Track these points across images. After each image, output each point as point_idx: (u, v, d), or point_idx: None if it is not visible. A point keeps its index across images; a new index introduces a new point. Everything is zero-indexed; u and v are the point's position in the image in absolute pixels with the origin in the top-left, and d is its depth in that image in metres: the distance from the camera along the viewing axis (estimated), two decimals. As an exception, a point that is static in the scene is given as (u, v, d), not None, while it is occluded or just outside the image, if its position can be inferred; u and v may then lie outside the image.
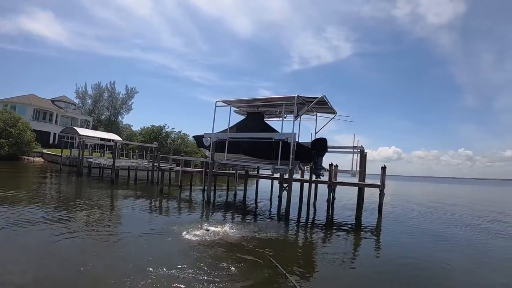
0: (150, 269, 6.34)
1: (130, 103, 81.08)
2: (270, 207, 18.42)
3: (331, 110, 16.89)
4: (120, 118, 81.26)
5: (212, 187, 21.02)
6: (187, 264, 6.81)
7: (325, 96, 14.96)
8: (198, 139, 18.03)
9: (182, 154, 31.89)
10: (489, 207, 26.95)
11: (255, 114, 17.65)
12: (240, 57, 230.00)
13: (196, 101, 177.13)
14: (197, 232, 9.87)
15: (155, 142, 36.71)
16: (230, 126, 16.88)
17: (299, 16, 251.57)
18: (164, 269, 6.40)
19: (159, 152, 29.27)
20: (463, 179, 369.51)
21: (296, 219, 14.76)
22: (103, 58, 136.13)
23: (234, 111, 18.51)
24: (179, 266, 6.62)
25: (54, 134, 57.96)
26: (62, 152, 38.57)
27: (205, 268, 6.65)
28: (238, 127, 17.25)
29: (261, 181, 24.95)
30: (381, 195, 16.43)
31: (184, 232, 9.65)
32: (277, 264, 7.08)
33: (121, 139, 45.81)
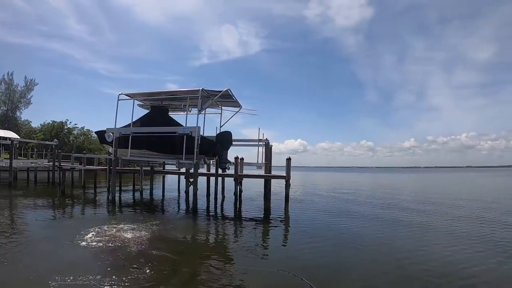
0: (53, 282, 5.51)
1: (29, 96, 73.32)
2: (178, 203, 17.83)
3: (236, 104, 16.88)
4: (18, 113, 73.32)
5: (117, 186, 19.81)
6: (94, 270, 6.13)
7: (229, 90, 14.88)
8: (100, 134, 16.64)
9: (84, 152, 29.73)
10: (387, 192, 29.65)
11: (159, 108, 16.95)
12: (148, 49, 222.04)
13: (101, 94, 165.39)
14: (103, 234, 9.15)
15: (56, 140, 33.76)
16: (133, 120, 15.88)
17: (211, 10, 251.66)
18: (69, 279, 5.64)
19: (59, 151, 26.97)
20: (365, 168, 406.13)
21: (205, 214, 14.43)
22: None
23: (138, 104, 17.59)
24: (85, 273, 5.91)
25: None
26: None
27: (115, 273, 6.11)
28: (142, 121, 16.36)
29: (168, 177, 24.22)
30: (287, 185, 16.85)
31: (89, 235, 8.97)
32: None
33: (18, 137, 41.23)
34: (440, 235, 10.69)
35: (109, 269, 6.36)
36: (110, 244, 8.16)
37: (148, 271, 6.30)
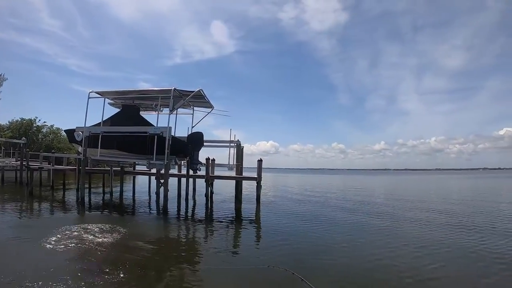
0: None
1: (-2, 92, 70.99)
2: (149, 205, 17.57)
3: (208, 104, 16.91)
4: (-15, 110, 70.70)
5: (87, 186, 19.39)
6: (63, 275, 5.92)
7: (202, 90, 14.90)
8: (70, 133, 16.31)
9: (53, 151, 28.99)
10: (357, 194, 30.14)
11: (130, 107, 16.72)
12: (122, 46, 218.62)
13: (72, 92, 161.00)
14: (72, 236, 8.93)
15: (24, 138, 32.69)
16: (104, 119, 15.62)
17: (187, 9, 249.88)
18: (37, 285, 5.42)
19: (28, 149, 26.26)
20: (336, 170, 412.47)
21: (175, 215, 14.26)
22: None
23: (109, 103, 17.33)
24: (53, 278, 5.71)
25: None
26: None
27: (84, 277, 5.95)
28: (112, 120, 16.11)
29: (139, 177, 23.83)
30: (258, 187, 17.03)
31: (57, 238, 8.74)
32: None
33: (-16, 135, 39.87)
34: (408, 236, 10.90)
35: (79, 274, 6.16)
36: (79, 247, 7.97)
37: (119, 275, 6.16)
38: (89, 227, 10.28)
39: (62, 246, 7.99)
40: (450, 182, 56.44)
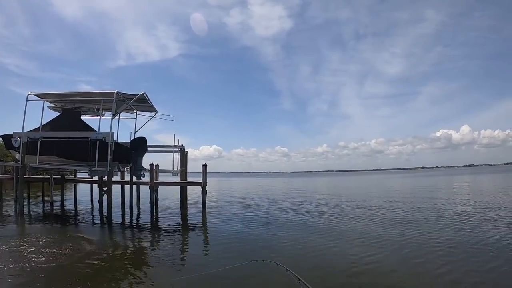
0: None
1: None
2: (92, 214, 16.81)
3: (151, 109, 16.91)
4: None
5: (26, 196, 18.41)
6: None
7: (145, 94, 14.89)
8: (7, 139, 15.55)
9: (-13, 159, 27.23)
10: (299, 195, 30.80)
11: (71, 111, 16.20)
12: (63, 45, 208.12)
13: (9, 93, 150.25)
14: (9, 251, 8.46)
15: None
16: (43, 123, 14.99)
17: (132, 10, 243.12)
18: None
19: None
20: (280, 172, 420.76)
21: (120, 224, 13.86)
22: None
23: (48, 106, 16.65)
24: None
25: None
26: None
27: None
28: (52, 125, 15.47)
29: (81, 185, 22.84)
30: (204, 192, 17.13)
31: None
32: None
33: None
34: (352, 233, 11.44)
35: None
36: (17, 262, 7.36)
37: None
38: (28, 240, 9.83)
39: None
40: (389, 182, 60.17)
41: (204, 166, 17.08)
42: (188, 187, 18.43)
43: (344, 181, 67.40)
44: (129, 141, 16.21)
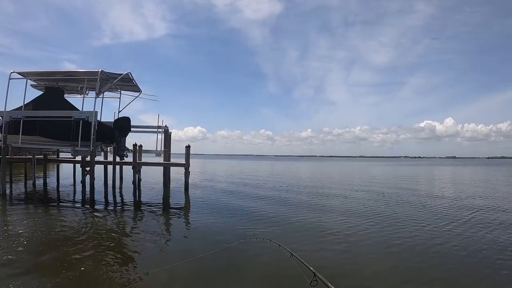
0: None
1: None
2: (74, 194, 16.96)
3: (136, 88, 16.89)
4: None
5: (8, 177, 18.09)
6: None
7: (130, 73, 14.87)
8: None
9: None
10: (282, 178, 32.30)
11: (54, 90, 16.06)
12: (47, 23, 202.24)
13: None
14: None
15: None
16: (25, 103, 14.79)
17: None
18: None
19: None
20: (264, 156, 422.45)
21: (103, 204, 13.76)
22: None
23: (31, 85, 16.39)
24: None
25: None
26: None
27: (4, 278, 5.41)
28: (35, 104, 15.28)
29: (63, 165, 22.89)
30: (187, 173, 17.35)
31: None
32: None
33: None
34: (335, 214, 12.30)
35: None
36: None
37: (44, 275, 5.65)
38: (10, 221, 9.91)
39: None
40: (372, 168, 62.08)
41: (188, 147, 17.27)
42: (171, 168, 18.63)
43: (328, 167, 69.69)
44: (113, 120, 16.15)
